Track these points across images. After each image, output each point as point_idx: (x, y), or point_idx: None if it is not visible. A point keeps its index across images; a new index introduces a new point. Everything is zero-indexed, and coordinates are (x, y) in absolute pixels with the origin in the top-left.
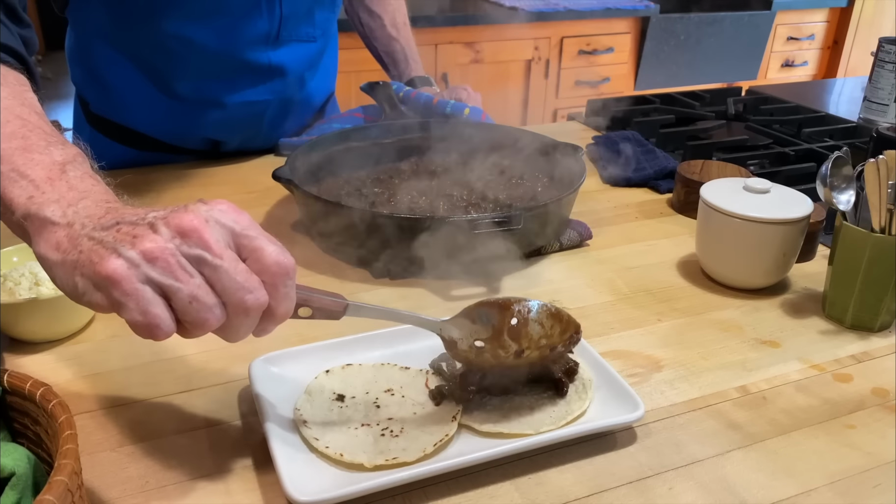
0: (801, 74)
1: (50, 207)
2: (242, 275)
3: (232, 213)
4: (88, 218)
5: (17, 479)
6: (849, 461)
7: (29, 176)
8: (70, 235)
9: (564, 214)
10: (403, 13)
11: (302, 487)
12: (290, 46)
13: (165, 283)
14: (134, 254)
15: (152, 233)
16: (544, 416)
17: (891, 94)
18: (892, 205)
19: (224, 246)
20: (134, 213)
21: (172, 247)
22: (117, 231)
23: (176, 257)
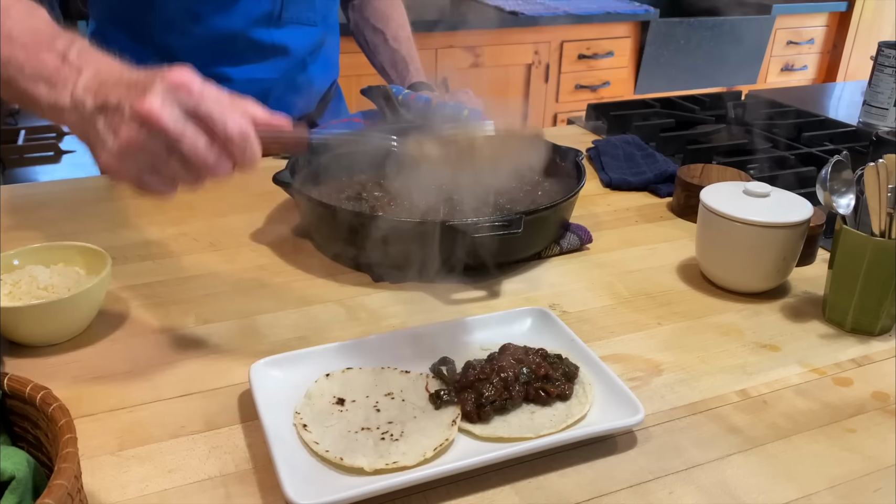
0: (800, 78)
1: (62, 93)
2: (201, 150)
3: (180, 84)
4: (83, 98)
5: (17, 483)
6: (849, 465)
7: (43, 71)
8: (80, 118)
9: (564, 218)
10: (406, 28)
11: (302, 491)
12: (292, 28)
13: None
14: (115, 146)
15: (124, 125)
16: (544, 420)
17: (890, 98)
18: (892, 209)
19: (179, 123)
20: (116, 79)
21: (139, 135)
22: (104, 116)
23: (140, 146)
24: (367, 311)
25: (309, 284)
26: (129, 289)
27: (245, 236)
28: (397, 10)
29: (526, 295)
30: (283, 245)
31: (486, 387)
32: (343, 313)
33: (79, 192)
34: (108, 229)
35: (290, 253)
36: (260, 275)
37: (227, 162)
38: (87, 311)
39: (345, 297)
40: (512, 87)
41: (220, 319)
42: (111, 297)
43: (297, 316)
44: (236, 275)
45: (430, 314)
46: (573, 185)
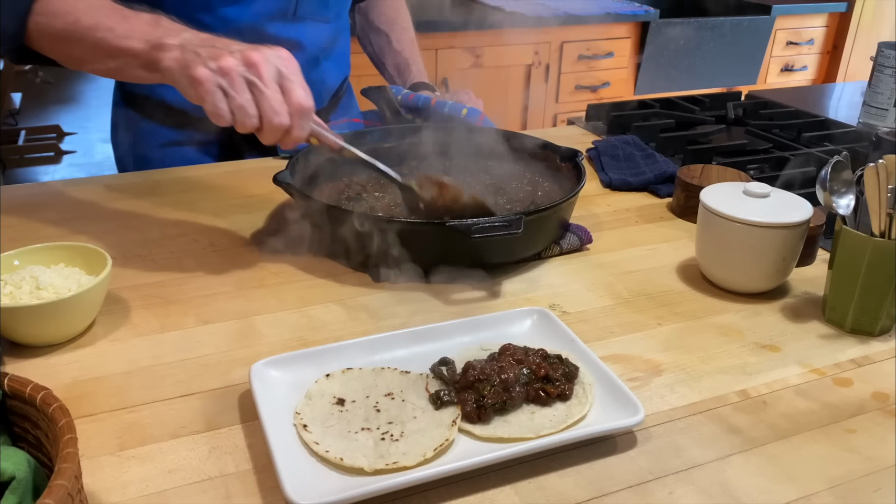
0: (800, 79)
1: (167, 38)
2: (276, 102)
3: (286, 61)
4: (190, 41)
5: (18, 483)
6: (849, 465)
7: (136, 31)
8: (182, 51)
9: (565, 219)
10: (410, 32)
11: (302, 492)
12: (306, 24)
13: (228, 91)
14: (214, 66)
15: (229, 56)
16: (544, 420)
17: (890, 98)
18: (892, 209)
19: (272, 79)
20: (221, 41)
21: (240, 69)
22: (209, 49)
23: (238, 77)
24: (367, 311)
25: (309, 285)
26: (130, 289)
27: (245, 236)
28: (402, 14)
29: (526, 295)
30: (284, 245)
31: (487, 388)
32: (343, 314)
33: (79, 193)
34: (108, 230)
35: (290, 253)
36: (260, 275)
37: (284, 123)
38: (88, 312)
39: (345, 297)
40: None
41: (221, 320)
42: (111, 298)
43: (298, 316)
44: (236, 275)
45: (430, 314)
46: (573, 185)
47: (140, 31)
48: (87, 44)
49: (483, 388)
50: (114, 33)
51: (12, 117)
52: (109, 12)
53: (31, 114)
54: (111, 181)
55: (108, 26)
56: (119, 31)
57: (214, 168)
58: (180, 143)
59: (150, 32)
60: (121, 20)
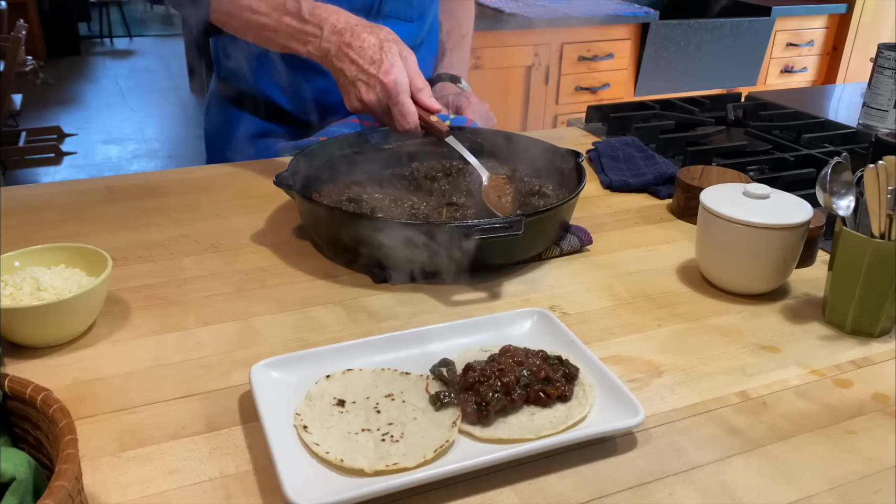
0: (800, 80)
1: (313, 50)
2: (405, 113)
3: (408, 62)
4: (329, 49)
5: (18, 484)
6: (849, 467)
7: (294, 37)
8: (329, 63)
9: (565, 220)
10: (463, 27)
11: (302, 493)
12: (390, 22)
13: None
14: (360, 100)
15: (370, 91)
16: (544, 422)
17: (890, 99)
18: (892, 210)
19: (403, 95)
20: (355, 44)
21: (380, 101)
22: (351, 67)
23: (379, 106)
24: (368, 312)
25: (309, 286)
26: (130, 290)
27: (246, 238)
28: (463, 9)
29: (526, 296)
30: (284, 247)
31: (487, 393)
32: (343, 315)
33: (79, 194)
34: (108, 231)
35: (290, 254)
36: (260, 276)
37: (412, 127)
38: (88, 313)
39: (345, 298)
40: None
41: (221, 321)
42: (112, 299)
43: (298, 317)
44: (237, 276)
45: (431, 315)
46: (573, 186)
47: (293, 31)
48: (259, 38)
49: (484, 390)
50: (278, 34)
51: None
52: (267, 8)
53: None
54: (112, 182)
55: (272, 28)
56: (280, 32)
57: (215, 169)
58: (269, 135)
59: (299, 35)
60: (277, 19)
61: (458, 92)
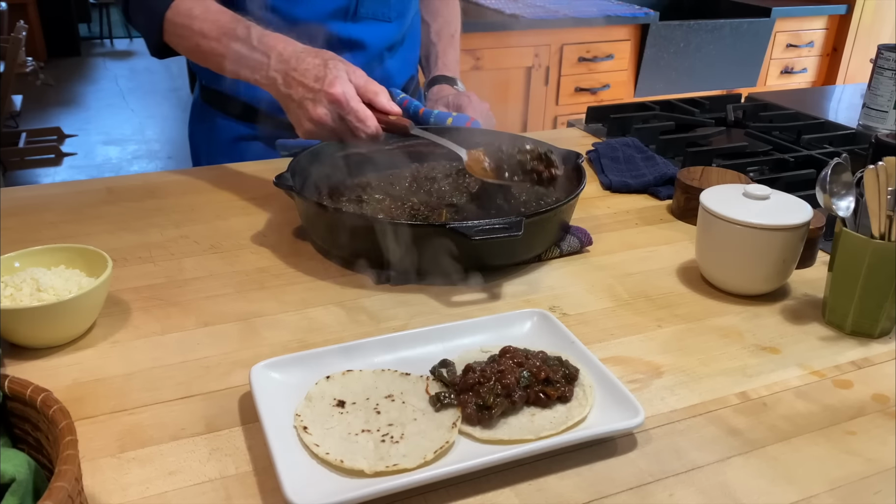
0: (800, 81)
1: (260, 77)
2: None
3: (355, 75)
4: (276, 76)
5: (18, 485)
6: (849, 467)
7: (241, 61)
8: (277, 90)
9: (565, 221)
10: (452, 26)
11: (302, 493)
12: (368, 23)
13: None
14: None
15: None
16: (544, 422)
17: (890, 100)
18: (892, 211)
19: (355, 102)
20: (300, 67)
21: (330, 114)
22: (297, 89)
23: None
24: (368, 313)
25: (309, 287)
26: (130, 291)
27: (246, 238)
28: (449, 7)
29: (526, 297)
30: (284, 247)
31: (488, 396)
32: (343, 315)
33: (79, 195)
34: (108, 231)
35: (290, 255)
36: (260, 277)
37: (372, 132)
38: (88, 314)
39: (345, 299)
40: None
41: (221, 321)
42: (112, 300)
43: (298, 318)
44: (237, 277)
45: (431, 316)
46: (573, 187)
47: (241, 58)
48: (208, 63)
49: (484, 391)
50: (226, 61)
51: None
52: (217, 33)
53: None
54: (112, 183)
55: (220, 54)
56: (229, 58)
57: (215, 170)
58: (255, 138)
59: (247, 61)
60: (226, 45)
61: (456, 92)
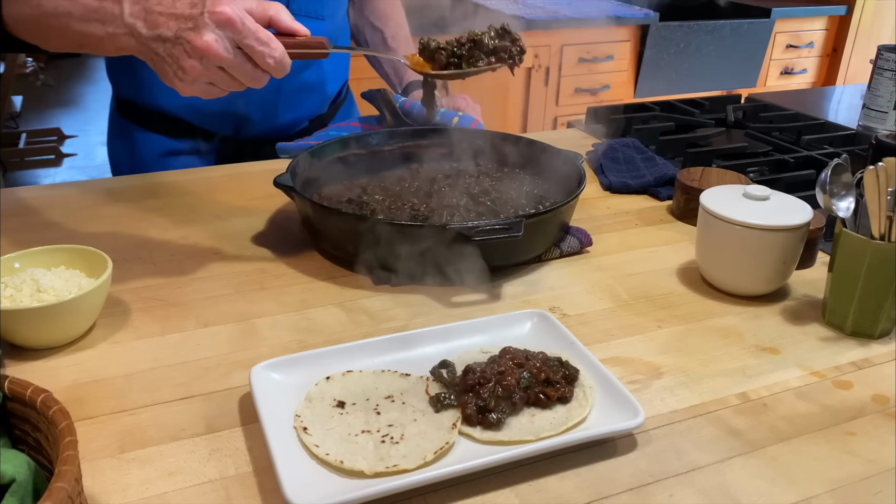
0: (800, 82)
1: (115, 27)
2: (249, 73)
3: (230, 26)
4: (136, 21)
5: (18, 486)
6: (849, 468)
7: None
8: (137, 41)
9: (565, 221)
10: (405, 28)
11: (302, 494)
12: (300, 21)
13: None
14: (179, 71)
15: (188, 59)
16: (544, 423)
17: (890, 101)
18: (892, 212)
19: (232, 55)
20: (169, 29)
21: (201, 64)
22: (163, 45)
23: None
24: (368, 313)
25: (309, 287)
26: (130, 291)
27: (246, 239)
28: (396, 10)
29: (526, 298)
30: (284, 248)
31: (488, 397)
32: (343, 316)
33: (80, 195)
34: (108, 232)
35: (290, 256)
36: (260, 278)
37: (265, 77)
38: (88, 314)
39: (345, 300)
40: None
41: (221, 322)
42: (112, 300)
43: (298, 319)
44: (237, 277)
45: (431, 317)
46: (573, 188)
47: (91, 9)
48: (53, 30)
49: (484, 392)
50: (73, 18)
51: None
52: None
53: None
54: (112, 184)
55: (66, 10)
56: (76, 13)
57: (215, 171)
58: (178, 153)
59: (98, 12)
60: (72, 2)
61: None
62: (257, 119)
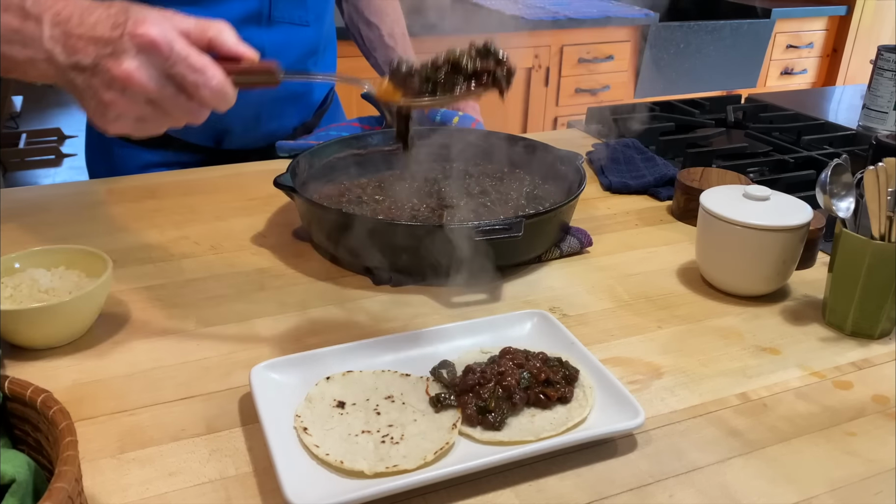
0: (800, 82)
1: (35, 53)
2: (183, 107)
3: (157, 51)
4: (55, 47)
5: (18, 486)
6: (849, 468)
7: (12, 35)
8: (56, 69)
9: (565, 222)
10: (401, 25)
11: (302, 494)
12: (283, 28)
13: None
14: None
15: (106, 91)
16: (544, 423)
17: (890, 101)
18: (892, 212)
19: (160, 86)
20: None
21: (125, 101)
22: (81, 74)
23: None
24: (368, 314)
25: (309, 288)
26: (130, 292)
27: (246, 239)
28: (391, 4)
29: (526, 298)
30: (284, 248)
31: (488, 398)
32: (343, 316)
33: (80, 196)
34: (108, 232)
35: (290, 256)
36: (260, 278)
37: (204, 111)
38: (88, 315)
39: (345, 300)
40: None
41: (221, 322)
42: (112, 301)
43: (298, 319)
44: (237, 278)
45: (431, 317)
46: (573, 188)
47: (13, 30)
48: None
49: (484, 393)
50: None
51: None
52: None
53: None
54: (112, 184)
55: None
56: (3, 35)
57: (215, 171)
58: (158, 165)
59: (20, 33)
60: None
61: None
62: (239, 131)
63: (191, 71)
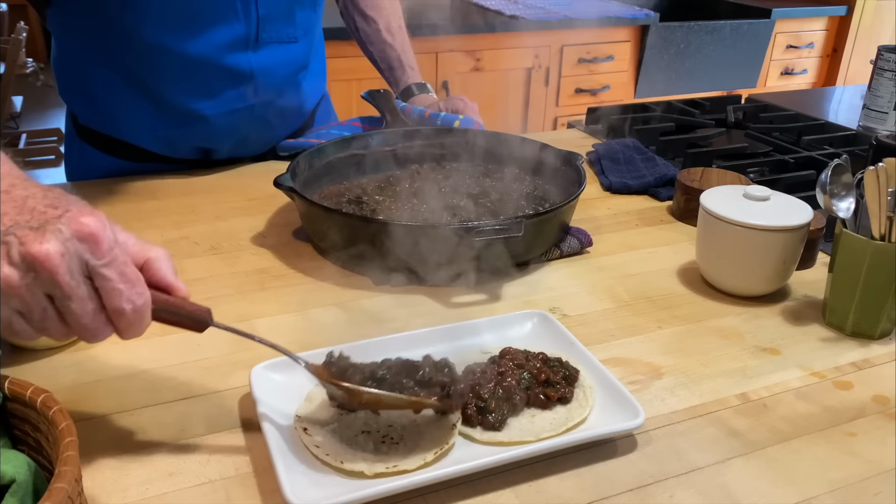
0: (800, 82)
1: None
2: (87, 318)
3: (92, 242)
4: None
5: (18, 486)
6: (849, 469)
7: None
8: None
9: (565, 222)
10: (399, 17)
11: (302, 495)
12: (272, 48)
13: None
14: None
15: (6, 265)
16: (544, 424)
17: (890, 101)
18: (892, 212)
19: (76, 283)
20: (5, 221)
21: (26, 283)
22: None
23: (28, 289)
24: (368, 314)
25: (309, 288)
26: None
27: (246, 240)
28: None
29: (526, 298)
30: (284, 248)
31: (488, 399)
32: (343, 317)
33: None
34: None
35: (290, 256)
36: (261, 278)
37: (108, 331)
38: None
39: (345, 300)
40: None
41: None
42: None
43: (298, 319)
44: (237, 278)
45: (431, 317)
46: (573, 188)
47: None
48: None
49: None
50: None
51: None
52: None
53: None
54: (112, 184)
55: None
56: None
57: (215, 171)
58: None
59: None
60: None
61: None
62: (227, 148)
63: (121, 279)
